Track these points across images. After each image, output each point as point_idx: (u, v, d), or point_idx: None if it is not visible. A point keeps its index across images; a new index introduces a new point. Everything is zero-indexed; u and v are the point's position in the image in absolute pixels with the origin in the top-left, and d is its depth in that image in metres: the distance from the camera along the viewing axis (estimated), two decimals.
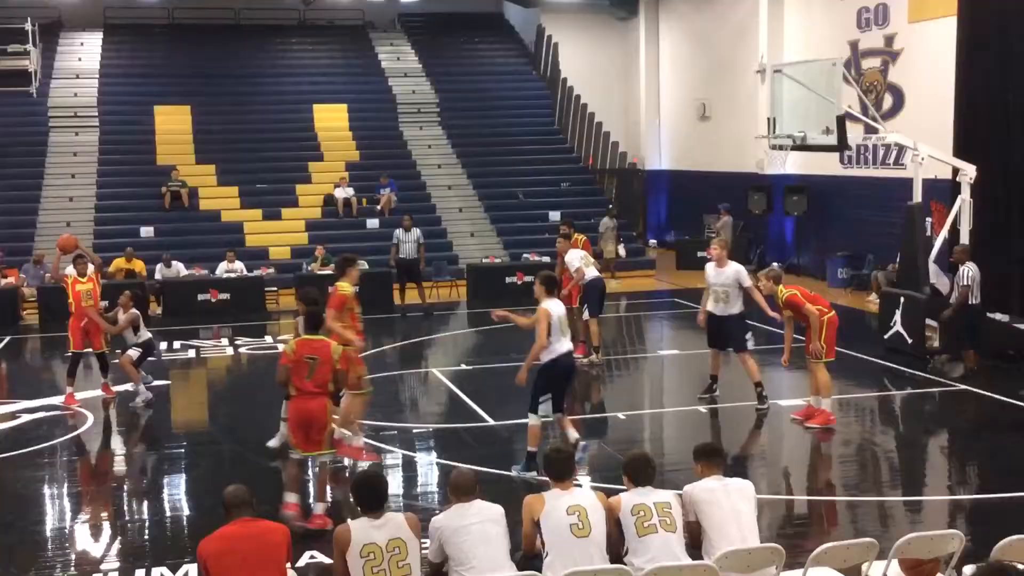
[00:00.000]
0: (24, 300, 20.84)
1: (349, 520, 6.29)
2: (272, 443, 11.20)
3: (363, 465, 10.35)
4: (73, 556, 8.69)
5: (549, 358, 10.04)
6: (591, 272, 15.25)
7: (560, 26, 32.11)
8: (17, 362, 17.73)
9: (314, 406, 8.83)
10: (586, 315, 15.26)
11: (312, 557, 8.11)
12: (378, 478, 6.53)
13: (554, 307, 10.07)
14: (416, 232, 21.80)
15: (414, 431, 12.29)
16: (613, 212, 26.05)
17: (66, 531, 9.35)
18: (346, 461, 10.70)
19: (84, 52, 30.44)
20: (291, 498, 9.02)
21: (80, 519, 9.67)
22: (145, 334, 14.02)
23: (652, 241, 30.72)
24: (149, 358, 14.39)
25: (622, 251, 25.68)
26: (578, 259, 15.20)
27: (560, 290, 11.49)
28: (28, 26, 28.26)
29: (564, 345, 10.16)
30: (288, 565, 6.06)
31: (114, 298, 14.66)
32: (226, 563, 5.75)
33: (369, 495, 6.22)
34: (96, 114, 28.12)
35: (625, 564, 6.26)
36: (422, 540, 6.27)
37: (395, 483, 10.17)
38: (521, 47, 33.83)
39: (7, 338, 18.65)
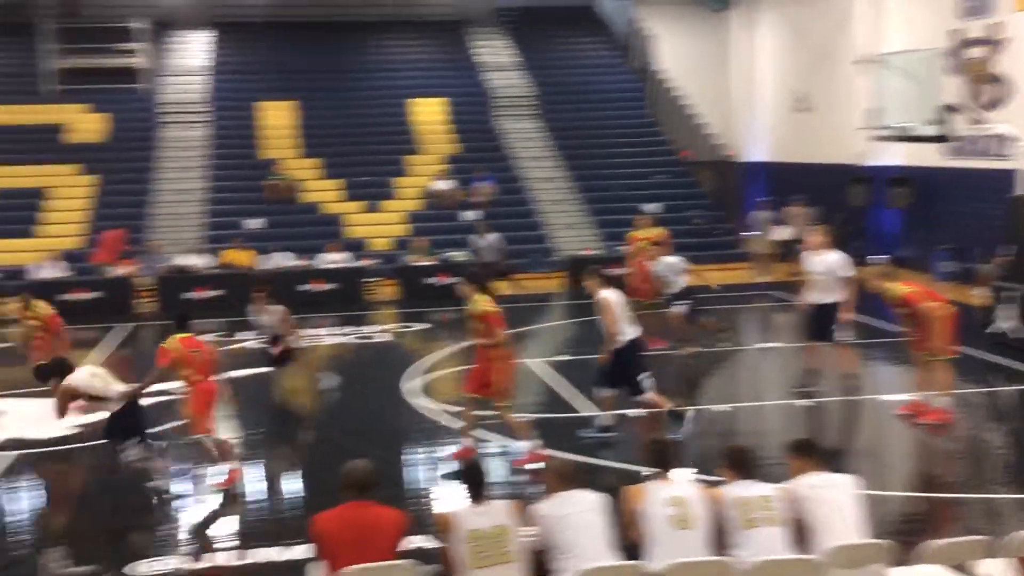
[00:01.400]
0: (137, 289, 21.41)
1: (455, 507, 6.32)
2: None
3: None
4: (186, 537, 8.88)
5: (626, 340, 10.95)
6: None
7: (654, 18, 31.79)
8: (133, 348, 18.19)
9: (215, 387, 10.16)
10: (679, 308, 15.13)
11: (417, 543, 8.14)
12: (480, 466, 6.55)
13: (615, 296, 11.03)
14: (494, 236, 21.79)
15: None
16: (768, 204, 25.73)
17: (179, 512, 9.57)
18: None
19: (194, 50, 31.15)
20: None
21: (193, 501, 9.87)
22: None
23: (748, 233, 30.22)
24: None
25: (786, 232, 25.23)
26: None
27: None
28: (140, 25, 29.05)
29: (632, 330, 11.13)
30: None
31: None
32: (340, 542, 5.81)
33: (473, 483, 6.25)
34: (205, 110, 28.76)
35: (729, 557, 6.15)
36: (526, 527, 6.25)
37: (497, 471, 10.18)
38: (614, 40, 33.59)
39: (124, 326, 19.15)
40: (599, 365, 11.22)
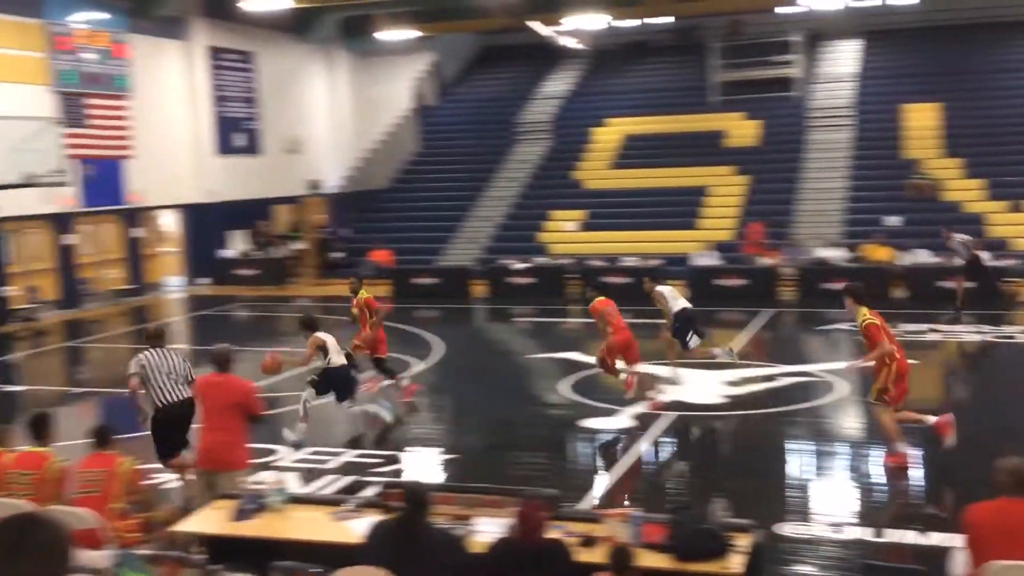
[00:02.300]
0: (781, 278, 21.79)
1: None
2: None
3: None
4: (810, 507, 8.87)
5: None
6: None
7: None
8: (775, 331, 18.61)
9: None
10: None
11: None
12: None
13: None
14: (962, 238, 19.23)
15: None
16: None
17: (807, 484, 9.60)
18: None
19: (843, 58, 30.86)
20: None
21: (820, 475, 9.85)
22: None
23: None
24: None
25: None
26: None
27: None
28: (796, 38, 29.46)
29: None
30: None
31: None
32: (993, 534, 5.41)
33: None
34: (851, 114, 28.35)
35: None
36: None
37: None
38: None
39: (768, 311, 19.65)
40: None
